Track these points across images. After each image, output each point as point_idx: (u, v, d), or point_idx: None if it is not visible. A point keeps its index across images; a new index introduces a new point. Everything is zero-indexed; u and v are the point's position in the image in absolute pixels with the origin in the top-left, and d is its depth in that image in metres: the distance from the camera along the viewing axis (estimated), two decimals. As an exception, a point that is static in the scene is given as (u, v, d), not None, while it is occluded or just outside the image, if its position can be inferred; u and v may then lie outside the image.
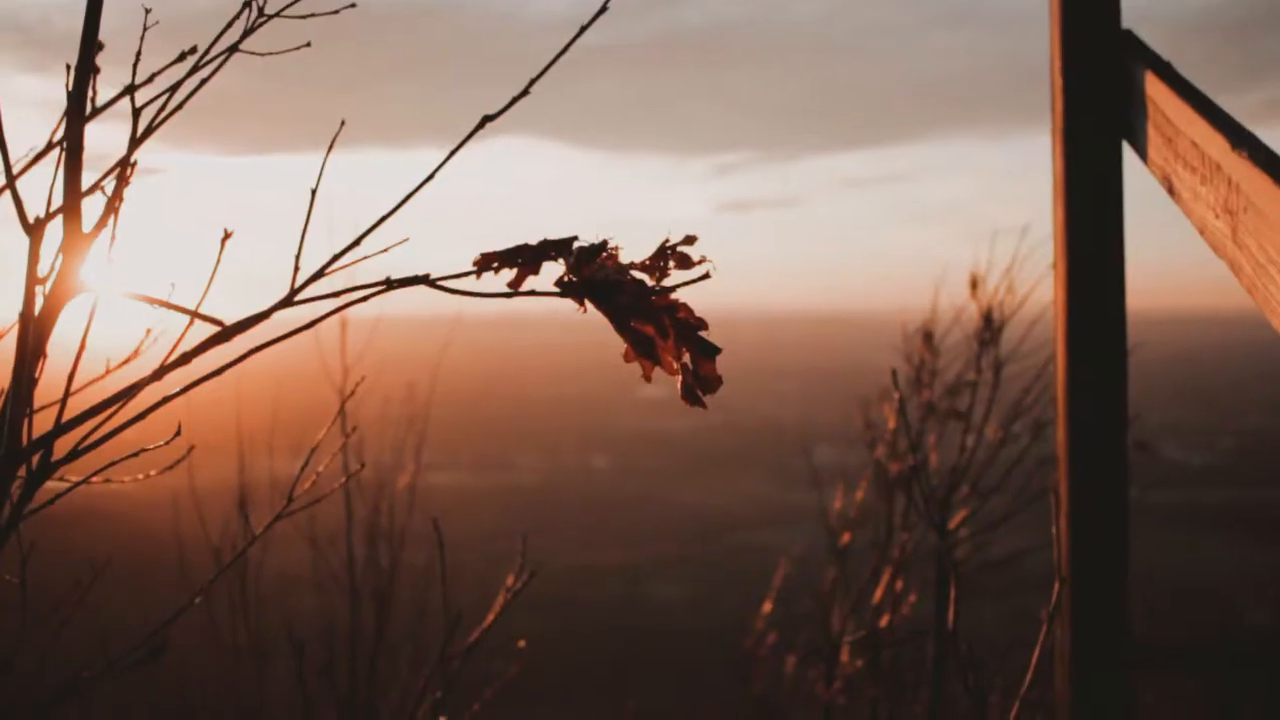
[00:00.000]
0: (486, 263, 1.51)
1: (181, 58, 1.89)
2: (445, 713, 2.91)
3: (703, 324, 1.46)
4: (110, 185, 1.68)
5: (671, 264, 1.49)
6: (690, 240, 1.49)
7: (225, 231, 1.53)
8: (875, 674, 4.43)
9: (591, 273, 1.46)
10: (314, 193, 1.72)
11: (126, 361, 2.23)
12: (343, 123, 1.84)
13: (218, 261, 1.51)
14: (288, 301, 1.62)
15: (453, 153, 1.71)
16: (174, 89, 1.79)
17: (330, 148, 1.79)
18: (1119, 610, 2.94)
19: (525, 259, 1.51)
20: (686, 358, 1.47)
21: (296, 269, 1.64)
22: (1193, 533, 21.64)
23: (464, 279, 1.52)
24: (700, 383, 1.48)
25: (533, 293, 1.50)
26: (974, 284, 4.98)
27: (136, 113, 1.77)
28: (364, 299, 1.57)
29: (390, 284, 1.54)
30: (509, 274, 1.52)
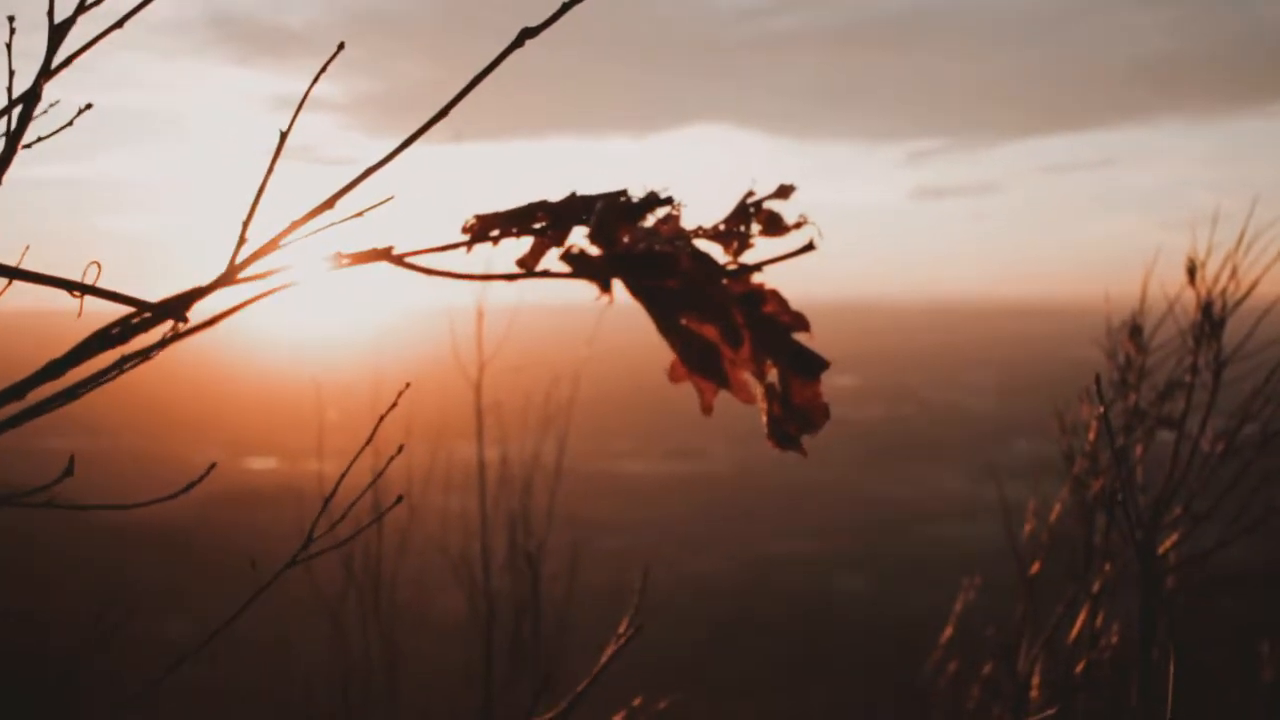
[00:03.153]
0: (484, 229, 1.01)
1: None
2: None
3: (800, 322, 0.92)
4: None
5: (755, 229, 0.96)
6: (785, 192, 0.96)
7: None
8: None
9: (634, 242, 0.95)
10: (284, 135, 1.26)
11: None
12: (341, 45, 1.37)
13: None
14: (228, 278, 1.15)
15: (484, 74, 1.22)
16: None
17: (322, 71, 1.32)
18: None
19: (545, 224, 1.00)
20: (774, 375, 0.94)
21: (242, 240, 1.17)
22: None
23: (449, 253, 1.03)
24: (794, 416, 0.94)
25: (545, 274, 0.98)
26: (1191, 271, 4.31)
27: (55, 31, 1.32)
28: (307, 279, 1.10)
29: (341, 260, 1.06)
30: (522, 246, 1.03)
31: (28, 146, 1.43)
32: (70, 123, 1.52)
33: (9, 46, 1.43)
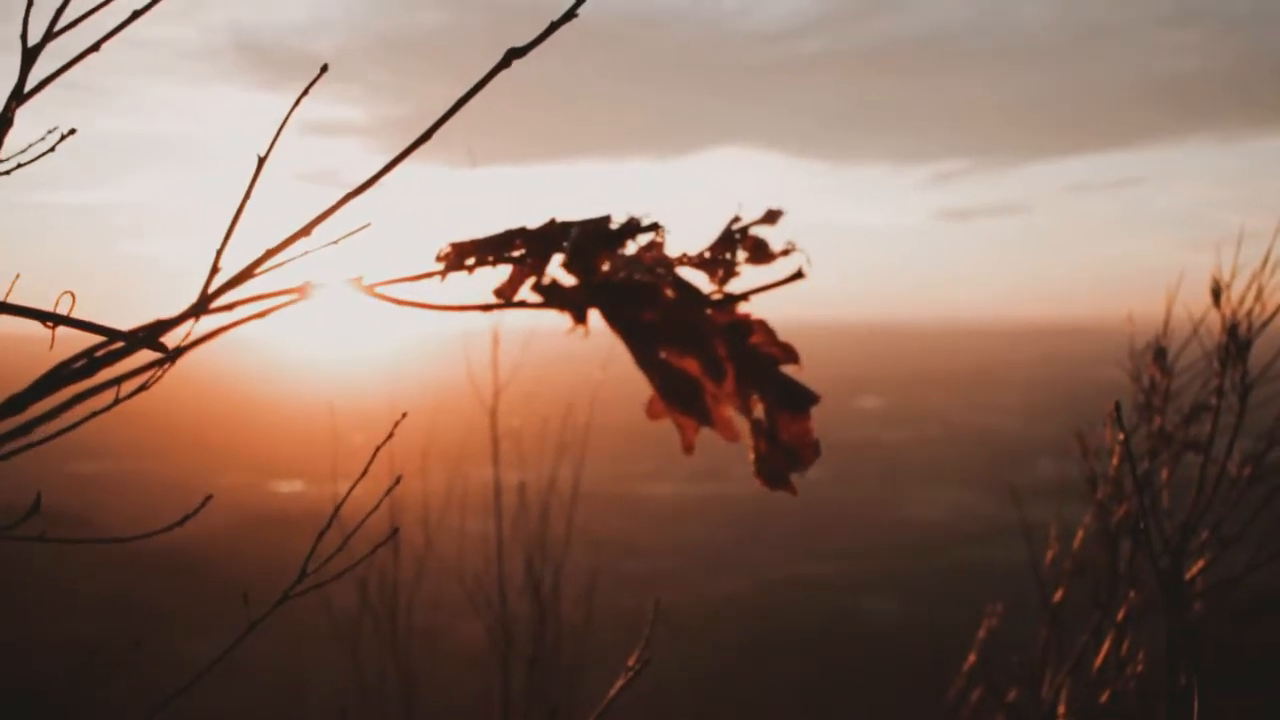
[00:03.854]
0: (459, 258, 0.96)
1: None
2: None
3: (789, 354, 0.87)
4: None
5: (741, 256, 0.91)
6: (772, 217, 0.90)
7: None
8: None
9: (613, 270, 0.90)
10: (261, 160, 1.22)
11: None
12: (324, 67, 1.33)
13: None
14: (201, 308, 1.11)
15: (469, 94, 1.18)
16: (74, 24, 1.30)
17: (304, 93, 1.28)
18: None
19: (523, 251, 0.95)
20: (760, 410, 0.88)
21: (214, 270, 1.13)
22: None
23: (422, 282, 0.99)
24: (782, 453, 0.88)
25: (521, 304, 0.94)
26: (1216, 292, 4.24)
27: (28, 54, 1.28)
28: (276, 309, 1.06)
29: (312, 288, 1.02)
30: (500, 275, 0.98)
31: (6, 174, 1.40)
32: (53, 149, 1.48)
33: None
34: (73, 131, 1.58)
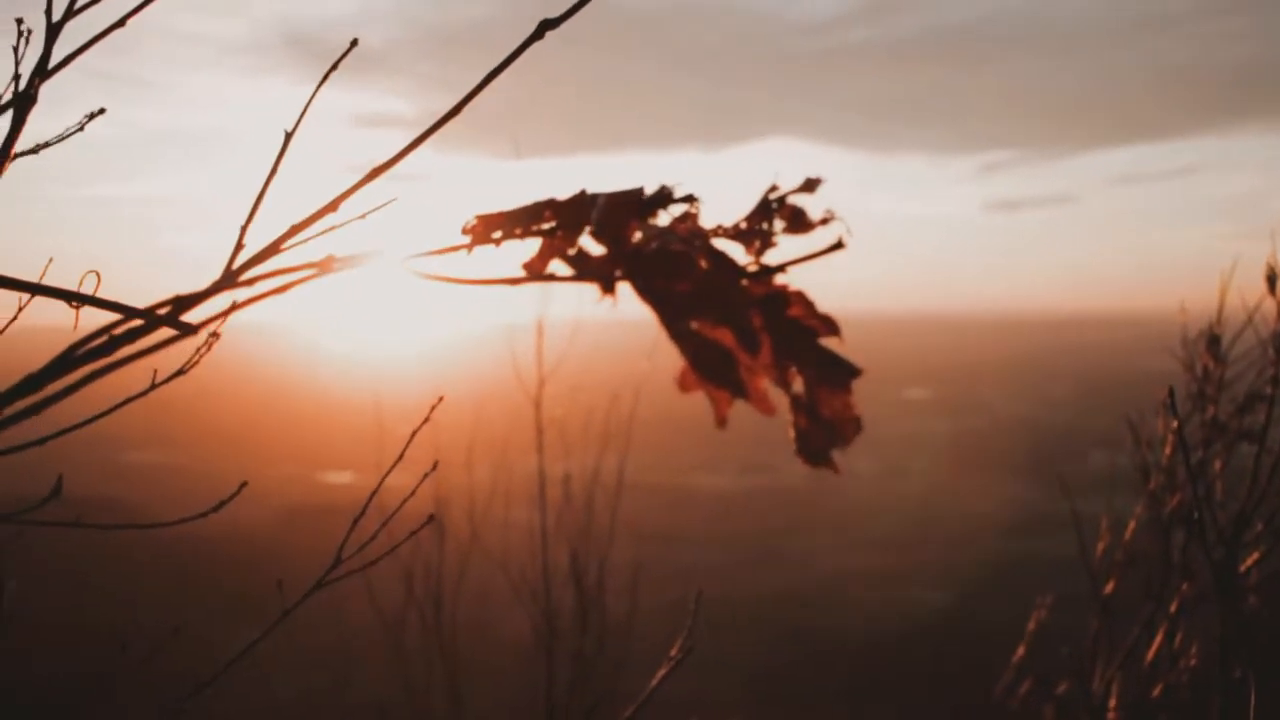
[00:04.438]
0: (486, 230, 0.93)
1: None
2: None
3: (829, 326, 0.83)
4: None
5: (779, 226, 0.87)
6: (810, 185, 0.85)
7: None
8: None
9: (645, 241, 0.86)
10: (288, 135, 1.19)
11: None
12: (354, 42, 1.29)
13: None
14: (228, 282, 1.08)
15: (500, 68, 1.15)
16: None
17: (333, 68, 1.25)
18: None
19: (553, 224, 0.91)
20: (799, 384, 0.84)
21: (239, 246, 1.10)
22: None
23: (448, 256, 0.95)
24: (823, 429, 0.84)
25: (551, 277, 0.90)
26: (1271, 279, 4.16)
27: (51, 31, 1.26)
28: (302, 281, 1.03)
29: (335, 263, 0.99)
30: (528, 249, 0.95)
31: (34, 152, 1.37)
32: (81, 127, 1.46)
33: (15, 50, 1.38)
34: (101, 111, 1.55)
